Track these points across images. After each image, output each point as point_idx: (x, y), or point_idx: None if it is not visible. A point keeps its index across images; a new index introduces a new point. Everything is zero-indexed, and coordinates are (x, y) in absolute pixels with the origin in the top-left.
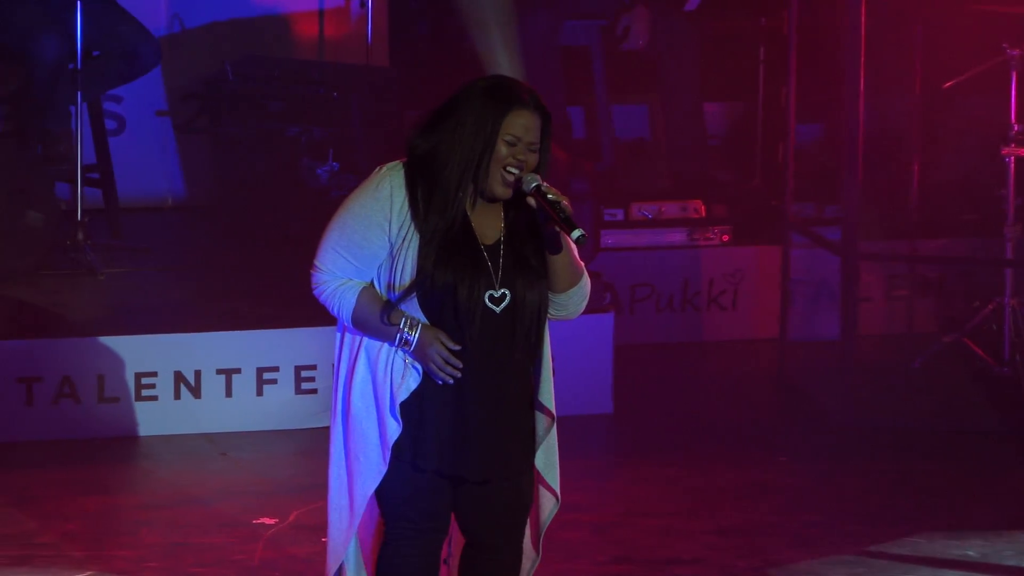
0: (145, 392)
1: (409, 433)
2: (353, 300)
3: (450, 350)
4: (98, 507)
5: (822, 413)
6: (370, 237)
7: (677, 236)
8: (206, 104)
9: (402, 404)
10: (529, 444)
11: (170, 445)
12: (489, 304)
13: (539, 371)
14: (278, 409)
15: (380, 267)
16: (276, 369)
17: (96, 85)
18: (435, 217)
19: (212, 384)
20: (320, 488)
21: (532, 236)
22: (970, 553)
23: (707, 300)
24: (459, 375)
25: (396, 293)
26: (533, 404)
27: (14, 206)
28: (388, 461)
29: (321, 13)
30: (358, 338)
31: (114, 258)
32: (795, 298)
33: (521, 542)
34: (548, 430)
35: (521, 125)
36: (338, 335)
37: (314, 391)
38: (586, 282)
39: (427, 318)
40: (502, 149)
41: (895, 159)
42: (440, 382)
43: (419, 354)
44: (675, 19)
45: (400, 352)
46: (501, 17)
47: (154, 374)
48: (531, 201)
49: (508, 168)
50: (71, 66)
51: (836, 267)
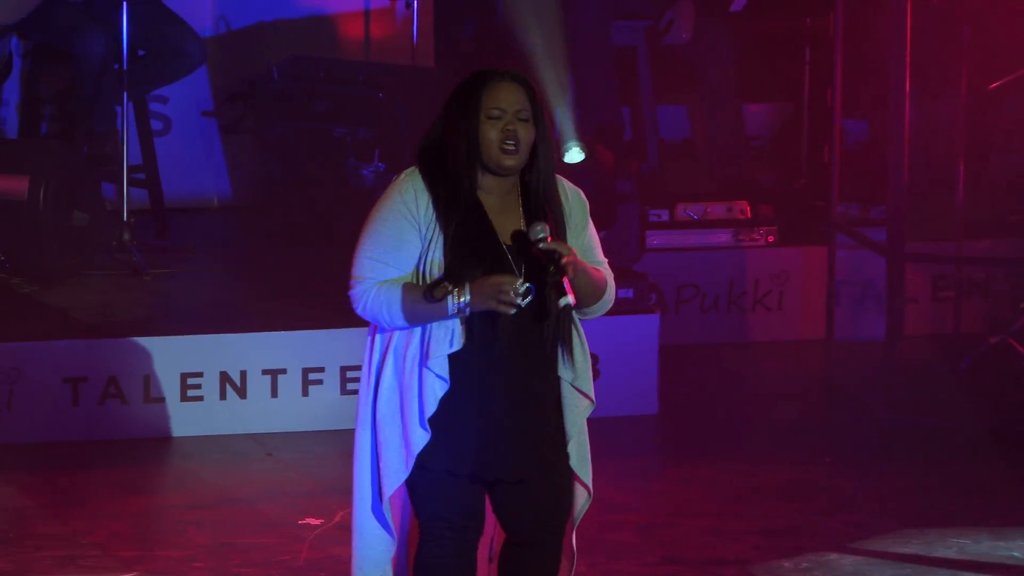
0: (191, 392)
1: (439, 440)
2: (399, 292)
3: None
4: (144, 507)
5: (868, 414)
6: (404, 236)
7: (723, 237)
8: (252, 105)
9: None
10: (560, 439)
11: (215, 446)
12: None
13: (573, 357)
14: (323, 410)
15: None
16: (322, 370)
17: (142, 85)
18: (451, 210)
19: (258, 384)
20: None
21: (552, 233)
22: (1015, 554)
23: (753, 301)
24: (520, 301)
25: None
26: (560, 399)
27: (61, 206)
28: (411, 468)
29: (367, 14)
30: (386, 342)
31: (160, 258)
32: (841, 299)
33: (563, 537)
34: (584, 414)
35: (500, 97)
36: (368, 339)
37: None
38: (610, 290)
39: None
40: (488, 126)
41: (941, 160)
42: (514, 312)
43: (482, 303)
44: (715, 20)
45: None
46: (546, 17)
47: (200, 374)
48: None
49: (503, 144)
50: (117, 66)
51: (882, 268)
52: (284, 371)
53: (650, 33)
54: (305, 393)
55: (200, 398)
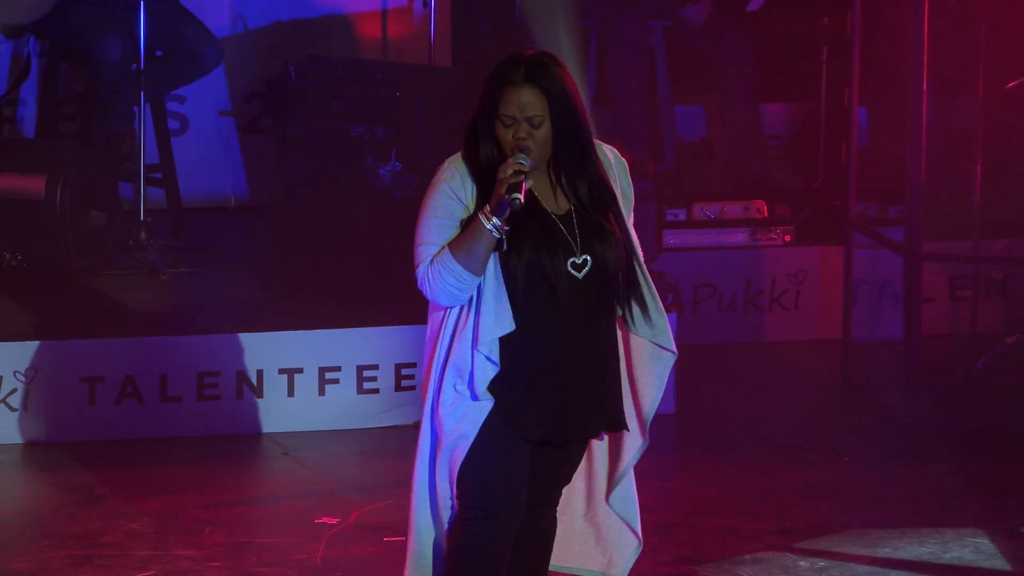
0: (208, 392)
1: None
2: (446, 249)
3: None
4: (161, 507)
5: (885, 413)
6: (455, 216)
7: (740, 236)
8: (269, 104)
9: (496, 382)
10: (617, 404)
11: (232, 445)
12: (572, 271)
13: (648, 315)
14: (340, 409)
15: None
16: (338, 369)
17: (159, 85)
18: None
19: (274, 384)
20: (382, 488)
21: (600, 202)
22: None
23: (770, 300)
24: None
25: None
26: (618, 366)
27: (78, 206)
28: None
29: (384, 13)
30: (441, 323)
31: (177, 258)
32: (858, 298)
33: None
34: (668, 366)
35: (513, 104)
36: (428, 327)
37: (376, 391)
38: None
39: (518, 293)
40: (503, 131)
41: (959, 159)
42: (517, 197)
43: (497, 199)
44: (732, 19)
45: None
46: (564, 15)
47: (217, 374)
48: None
49: (515, 154)
50: (134, 66)
51: (899, 267)
52: (301, 370)
53: (668, 33)
54: (322, 392)
55: (217, 397)
